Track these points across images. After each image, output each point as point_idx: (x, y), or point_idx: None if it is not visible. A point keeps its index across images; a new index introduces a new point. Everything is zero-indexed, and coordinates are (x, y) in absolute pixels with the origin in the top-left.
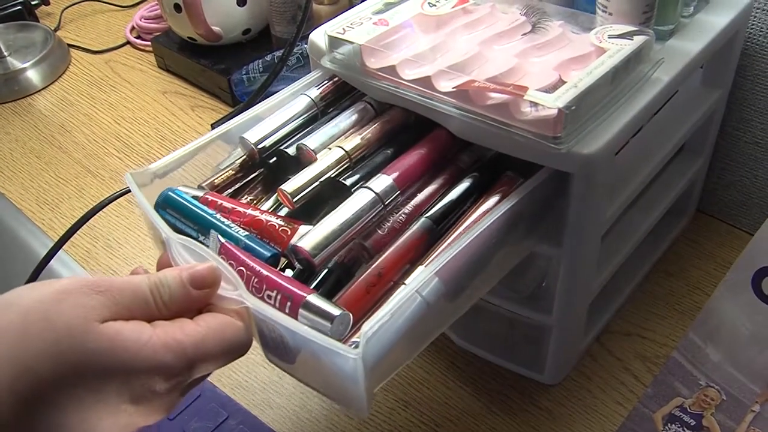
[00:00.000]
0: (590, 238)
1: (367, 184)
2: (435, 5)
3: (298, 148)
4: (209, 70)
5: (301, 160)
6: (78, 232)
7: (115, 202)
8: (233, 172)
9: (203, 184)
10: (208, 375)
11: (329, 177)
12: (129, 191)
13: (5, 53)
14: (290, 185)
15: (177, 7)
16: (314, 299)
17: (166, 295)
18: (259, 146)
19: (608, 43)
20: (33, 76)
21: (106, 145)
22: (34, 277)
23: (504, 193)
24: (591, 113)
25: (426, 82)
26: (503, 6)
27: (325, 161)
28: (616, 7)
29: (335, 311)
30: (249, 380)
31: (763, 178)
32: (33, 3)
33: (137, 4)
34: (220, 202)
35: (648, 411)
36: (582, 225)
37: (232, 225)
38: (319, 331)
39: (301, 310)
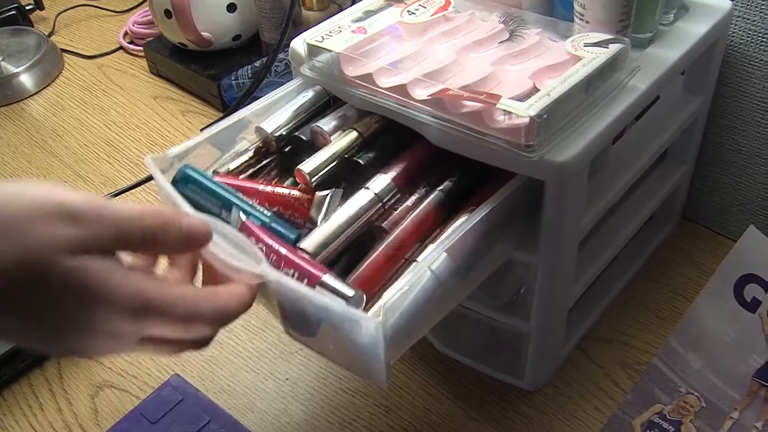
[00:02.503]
0: (566, 246)
1: (366, 185)
2: (414, 13)
3: (312, 132)
4: (200, 76)
5: (316, 144)
6: None
7: None
8: (248, 158)
9: (218, 169)
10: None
11: (344, 157)
12: (118, 194)
13: None
14: (308, 165)
15: (167, 13)
16: (329, 279)
17: (162, 240)
18: (275, 134)
19: (583, 51)
20: (26, 80)
21: (97, 150)
22: None
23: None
24: (564, 121)
25: (402, 90)
26: (483, 14)
27: (340, 142)
28: (593, 16)
29: (349, 291)
30: (232, 385)
31: (746, 185)
32: (27, 8)
33: (131, 9)
34: (234, 182)
35: (627, 418)
36: (557, 232)
37: (256, 205)
38: None
39: (317, 289)
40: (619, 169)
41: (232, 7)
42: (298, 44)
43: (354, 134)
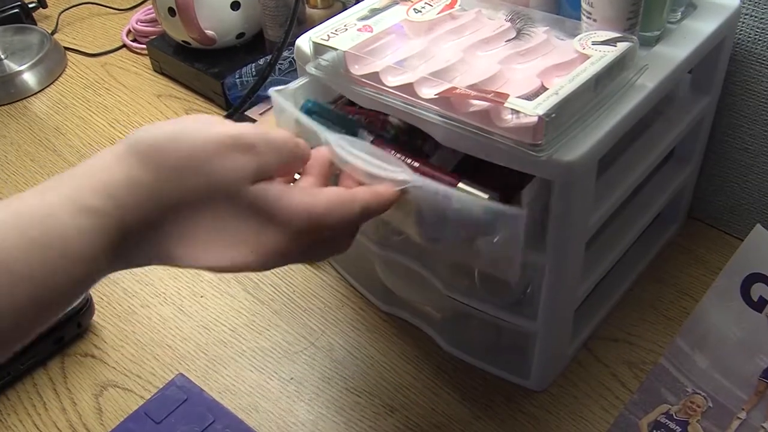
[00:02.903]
0: (574, 245)
1: None
2: (420, 11)
3: None
4: (203, 74)
5: None
6: None
7: None
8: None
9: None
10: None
11: None
12: None
13: (2, 56)
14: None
15: (171, 11)
16: (465, 185)
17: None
18: None
19: (591, 50)
20: (29, 78)
21: (101, 148)
22: None
23: None
24: (573, 120)
25: (408, 89)
26: (489, 12)
27: None
28: (601, 14)
29: (485, 194)
30: (236, 384)
31: (753, 183)
32: (30, 6)
33: (134, 7)
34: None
35: (634, 418)
36: (565, 232)
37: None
38: None
39: None
40: (627, 169)
41: (236, 5)
42: (304, 42)
43: None
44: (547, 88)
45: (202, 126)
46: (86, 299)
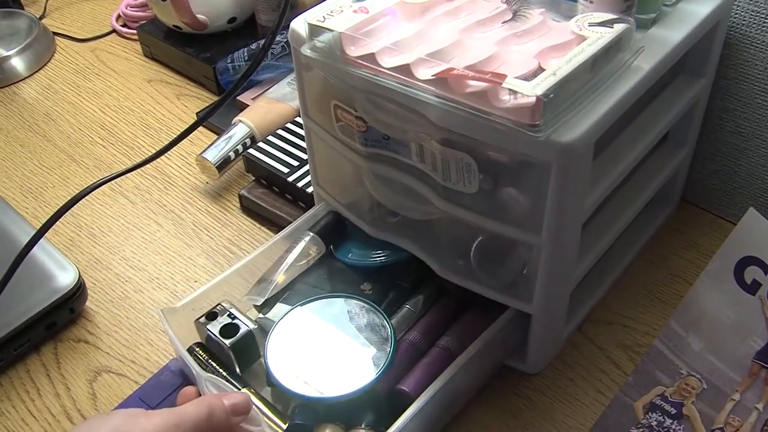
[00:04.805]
0: (570, 227)
1: None
2: None
3: None
4: (194, 59)
5: None
6: (61, 220)
7: (99, 191)
8: None
9: None
10: None
11: None
12: (112, 179)
13: None
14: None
15: None
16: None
17: (216, 422)
18: None
19: (588, 31)
20: (18, 64)
21: (91, 134)
22: (15, 265)
23: None
24: (570, 101)
25: (405, 70)
26: None
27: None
28: None
29: None
30: None
31: (746, 167)
32: None
33: None
34: None
35: (629, 399)
36: (561, 214)
37: None
38: None
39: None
40: (622, 151)
41: None
42: (299, 24)
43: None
44: (544, 69)
45: (138, 419)
46: (79, 284)
